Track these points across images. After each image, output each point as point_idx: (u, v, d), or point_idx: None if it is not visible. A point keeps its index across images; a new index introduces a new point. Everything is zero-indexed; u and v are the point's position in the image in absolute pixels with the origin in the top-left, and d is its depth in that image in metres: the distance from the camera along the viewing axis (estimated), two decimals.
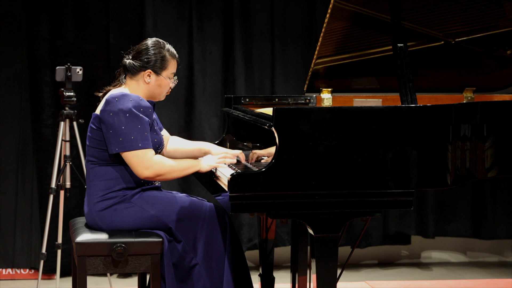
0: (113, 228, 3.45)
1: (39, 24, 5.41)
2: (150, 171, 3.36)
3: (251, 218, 5.59)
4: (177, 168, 3.41)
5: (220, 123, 5.62)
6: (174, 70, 3.56)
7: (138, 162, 3.36)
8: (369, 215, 3.23)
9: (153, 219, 3.44)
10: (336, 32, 4.05)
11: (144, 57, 3.50)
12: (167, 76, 3.53)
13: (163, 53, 3.51)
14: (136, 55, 3.52)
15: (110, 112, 3.36)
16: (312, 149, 3.11)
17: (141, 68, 3.49)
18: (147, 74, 3.50)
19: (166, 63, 3.51)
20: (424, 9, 3.96)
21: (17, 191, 5.49)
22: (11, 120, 5.49)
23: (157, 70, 3.50)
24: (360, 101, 4.38)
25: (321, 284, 3.17)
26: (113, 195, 3.44)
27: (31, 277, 5.51)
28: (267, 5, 5.68)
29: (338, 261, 3.20)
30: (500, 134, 3.46)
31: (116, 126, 3.35)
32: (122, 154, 3.38)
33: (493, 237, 5.96)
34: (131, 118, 3.35)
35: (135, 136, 3.34)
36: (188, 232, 3.44)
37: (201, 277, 3.43)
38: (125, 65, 3.53)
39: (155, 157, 3.39)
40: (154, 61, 3.49)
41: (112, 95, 3.41)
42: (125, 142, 3.35)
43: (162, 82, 3.52)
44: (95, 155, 3.47)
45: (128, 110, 3.35)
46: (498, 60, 4.28)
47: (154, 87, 3.52)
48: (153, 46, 3.51)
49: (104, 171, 3.45)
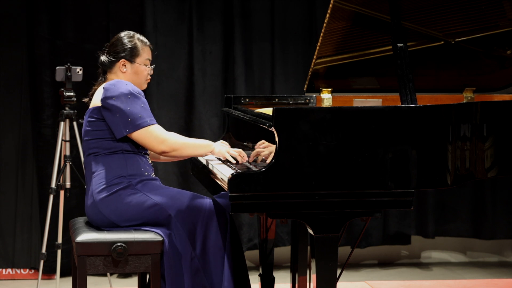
0: (117, 214, 3.46)
1: (39, 24, 5.41)
2: (166, 145, 3.47)
3: (251, 218, 5.59)
4: (191, 145, 3.53)
5: (220, 123, 5.62)
6: (149, 57, 3.67)
7: (152, 138, 3.46)
8: (369, 215, 3.23)
9: (156, 207, 3.46)
10: (336, 32, 4.05)
11: (117, 49, 3.63)
12: (142, 62, 3.65)
13: (134, 41, 3.64)
14: (110, 49, 3.66)
15: (113, 97, 3.47)
16: (312, 149, 3.11)
17: (115, 59, 3.63)
18: (122, 63, 3.62)
19: (138, 50, 3.64)
20: (424, 9, 3.96)
21: (17, 191, 5.49)
22: (11, 120, 5.50)
23: (130, 58, 3.62)
24: (360, 101, 4.38)
25: (321, 284, 3.17)
26: (118, 181, 3.49)
27: (31, 277, 5.51)
28: (267, 5, 5.68)
29: (338, 261, 3.20)
30: (500, 134, 3.46)
31: (122, 108, 3.45)
32: (133, 135, 3.47)
33: (493, 237, 5.97)
34: (133, 99, 3.47)
35: (142, 114, 3.47)
36: (188, 224, 3.46)
37: (199, 271, 3.44)
38: (101, 62, 3.67)
39: (167, 132, 3.51)
40: (127, 50, 3.62)
41: (108, 83, 3.53)
42: (135, 122, 3.45)
43: (138, 69, 3.64)
44: (97, 146, 3.52)
45: (128, 92, 3.48)
46: (498, 60, 4.28)
47: (131, 76, 3.63)
48: (124, 37, 3.65)
49: (108, 159, 3.51)
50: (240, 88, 5.61)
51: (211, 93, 5.64)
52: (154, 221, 3.47)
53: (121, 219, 3.47)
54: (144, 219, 3.48)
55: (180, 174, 5.61)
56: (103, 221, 3.49)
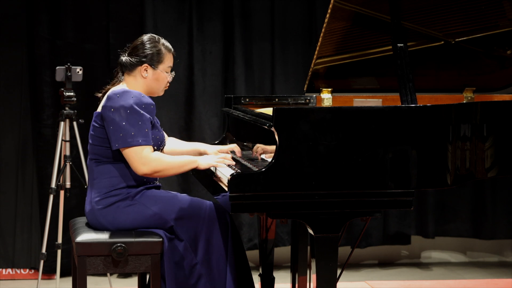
0: (115, 226, 3.45)
1: (39, 24, 5.41)
2: (148, 168, 3.37)
3: (251, 218, 5.59)
4: (175, 165, 3.42)
5: (220, 123, 5.62)
6: (171, 64, 3.59)
7: (136, 158, 3.37)
8: (369, 215, 3.23)
9: (155, 217, 3.44)
10: (336, 32, 4.05)
11: (140, 52, 3.53)
12: (164, 69, 3.56)
13: (159, 47, 3.54)
14: (132, 51, 3.55)
15: (112, 108, 3.38)
16: (312, 149, 3.11)
17: (137, 63, 3.52)
18: (144, 68, 3.52)
19: (162, 57, 3.54)
20: (424, 9, 3.96)
21: (17, 191, 5.49)
22: (11, 120, 5.49)
23: (154, 64, 3.53)
24: (360, 101, 4.38)
25: (321, 284, 3.17)
26: (116, 193, 3.45)
27: (31, 277, 5.51)
28: (267, 5, 5.68)
29: (338, 261, 3.20)
30: (500, 134, 3.46)
31: (117, 122, 3.37)
32: (122, 151, 3.40)
33: (493, 237, 5.96)
34: (132, 114, 3.37)
35: (136, 132, 3.37)
36: (189, 230, 3.44)
37: (202, 277, 3.44)
38: (121, 62, 3.56)
39: (153, 153, 3.41)
40: (151, 55, 3.52)
41: (114, 92, 3.43)
42: (125, 138, 3.36)
43: (159, 76, 3.55)
44: (98, 153, 3.48)
45: (129, 107, 3.37)
46: (498, 60, 4.27)
47: (151, 81, 3.55)
48: (148, 41, 3.54)
49: (108, 169, 3.47)
50: (240, 88, 5.61)
51: (211, 93, 5.64)
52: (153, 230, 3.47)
53: (119, 229, 3.46)
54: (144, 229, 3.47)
55: (180, 175, 5.60)
56: (102, 228, 3.48)
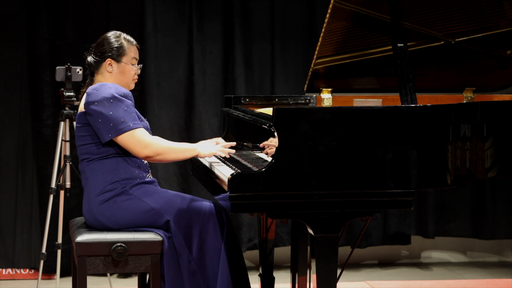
0: (113, 222, 3.46)
1: (39, 24, 5.41)
2: (149, 150, 3.40)
3: (251, 218, 5.59)
4: (175, 149, 3.45)
5: (220, 123, 5.62)
6: (135, 56, 3.62)
7: (136, 142, 3.40)
8: (369, 215, 3.23)
9: (152, 212, 3.45)
10: (336, 32, 4.05)
11: (102, 49, 3.59)
12: (129, 61, 3.59)
13: (120, 41, 3.60)
14: (95, 49, 3.61)
15: (95, 102, 3.41)
16: (312, 149, 3.11)
17: (101, 59, 3.58)
18: (108, 63, 3.58)
19: (124, 49, 3.58)
20: (424, 9, 3.96)
21: (17, 191, 5.49)
22: (11, 120, 5.49)
23: (116, 57, 3.57)
24: (360, 101, 4.38)
25: (321, 284, 3.17)
26: (112, 187, 3.46)
27: (31, 277, 5.51)
28: (267, 5, 5.68)
29: (338, 261, 3.20)
30: (500, 134, 3.46)
31: (104, 113, 3.39)
32: (117, 139, 3.41)
33: (493, 237, 5.96)
34: (116, 103, 3.41)
35: (125, 118, 3.40)
36: (185, 227, 3.45)
37: (195, 274, 3.44)
38: (88, 63, 3.62)
39: (151, 136, 3.44)
40: (111, 49, 3.57)
41: (91, 88, 3.48)
42: (116, 126, 3.39)
43: (124, 69, 3.59)
44: (88, 151, 3.49)
45: (111, 96, 3.41)
46: (498, 60, 4.27)
47: (118, 75, 3.58)
48: (109, 37, 3.61)
49: (100, 165, 3.48)
50: (240, 88, 5.61)
51: (211, 93, 5.64)
52: (151, 225, 3.47)
53: (117, 225, 3.46)
54: (141, 224, 3.47)
55: (180, 174, 5.60)
56: (101, 226, 3.49)
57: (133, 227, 3.47)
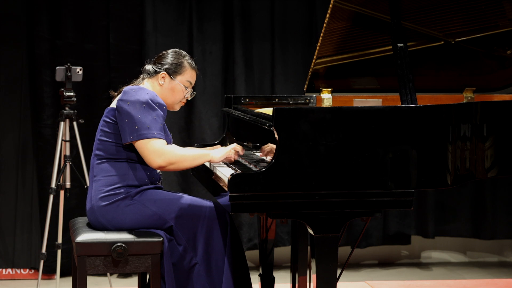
0: (114, 225, 3.46)
1: (39, 24, 5.41)
2: (163, 159, 3.40)
3: (251, 218, 5.59)
4: (189, 157, 3.45)
5: (220, 123, 5.62)
6: (191, 80, 3.64)
7: (151, 150, 3.40)
8: (369, 215, 3.23)
9: (154, 217, 3.45)
10: (336, 32, 4.05)
11: (162, 60, 3.62)
12: (182, 82, 3.61)
13: (181, 60, 3.62)
14: (156, 60, 3.65)
15: (128, 102, 3.43)
16: (312, 149, 3.11)
17: (157, 70, 3.60)
18: (162, 76, 3.59)
19: (182, 69, 3.61)
20: (424, 9, 3.97)
21: (17, 191, 5.49)
22: (11, 120, 5.49)
23: (172, 73, 3.59)
24: (360, 101, 4.38)
25: (321, 284, 3.17)
26: (117, 191, 3.47)
27: (31, 277, 5.51)
28: (267, 5, 5.68)
29: (338, 261, 3.20)
30: (500, 134, 3.46)
31: (133, 115, 3.41)
32: (136, 143, 3.43)
33: (493, 237, 5.96)
34: (147, 109, 3.42)
35: (151, 125, 3.41)
36: (188, 230, 3.45)
37: (201, 277, 3.44)
38: (144, 69, 3.65)
39: (167, 146, 3.45)
40: (170, 64, 3.60)
41: (130, 87, 3.51)
42: (140, 130, 3.40)
43: (175, 87, 3.61)
44: (105, 148, 3.50)
45: (145, 101, 3.43)
46: (498, 60, 4.28)
47: (167, 91, 3.60)
48: (173, 53, 3.64)
49: (110, 167, 3.49)
50: (240, 88, 5.61)
51: (211, 93, 5.64)
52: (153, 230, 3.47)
53: (119, 228, 3.47)
54: (143, 228, 3.47)
55: (180, 175, 5.61)
56: (101, 227, 3.49)
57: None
